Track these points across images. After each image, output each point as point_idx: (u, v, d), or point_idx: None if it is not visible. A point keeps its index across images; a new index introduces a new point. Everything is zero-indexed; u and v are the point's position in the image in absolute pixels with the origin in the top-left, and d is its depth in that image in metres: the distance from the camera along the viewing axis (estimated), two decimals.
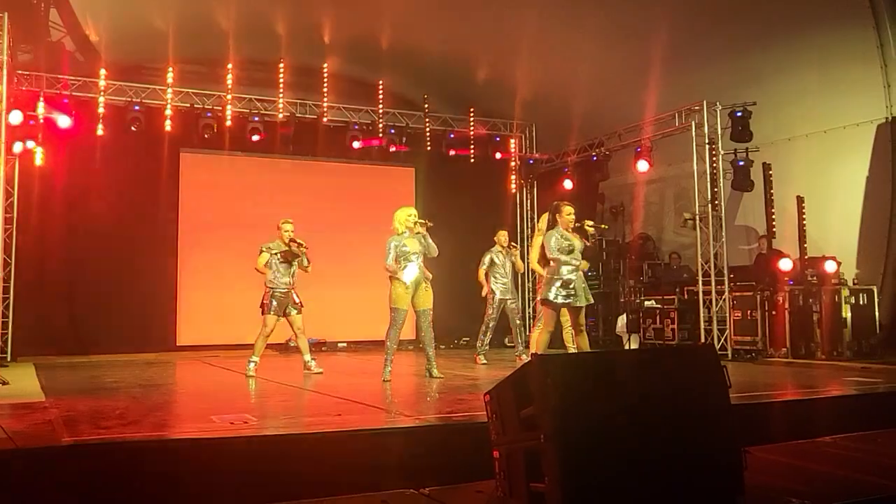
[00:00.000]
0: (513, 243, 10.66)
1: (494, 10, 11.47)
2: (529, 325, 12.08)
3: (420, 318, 7.99)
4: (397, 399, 6.74)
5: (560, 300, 7.51)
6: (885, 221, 10.54)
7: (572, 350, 8.90)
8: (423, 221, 7.96)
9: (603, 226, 7.85)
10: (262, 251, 8.76)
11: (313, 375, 8.54)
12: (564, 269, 7.53)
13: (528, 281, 14.04)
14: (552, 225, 7.72)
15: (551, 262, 7.62)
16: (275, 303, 8.64)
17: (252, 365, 8.49)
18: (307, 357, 8.86)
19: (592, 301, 7.89)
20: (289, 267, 8.74)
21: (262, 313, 8.70)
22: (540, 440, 3.24)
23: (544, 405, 3.26)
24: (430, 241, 7.94)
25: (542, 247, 7.81)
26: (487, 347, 10.34)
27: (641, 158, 11.89)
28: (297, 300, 8.80)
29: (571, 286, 7.50)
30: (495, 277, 10.37)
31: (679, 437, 3.39)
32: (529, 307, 13.75)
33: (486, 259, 10.40)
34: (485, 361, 10.01)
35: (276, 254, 8.70)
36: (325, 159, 13.45)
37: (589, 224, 7.73)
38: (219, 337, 12.39)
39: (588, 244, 7.74)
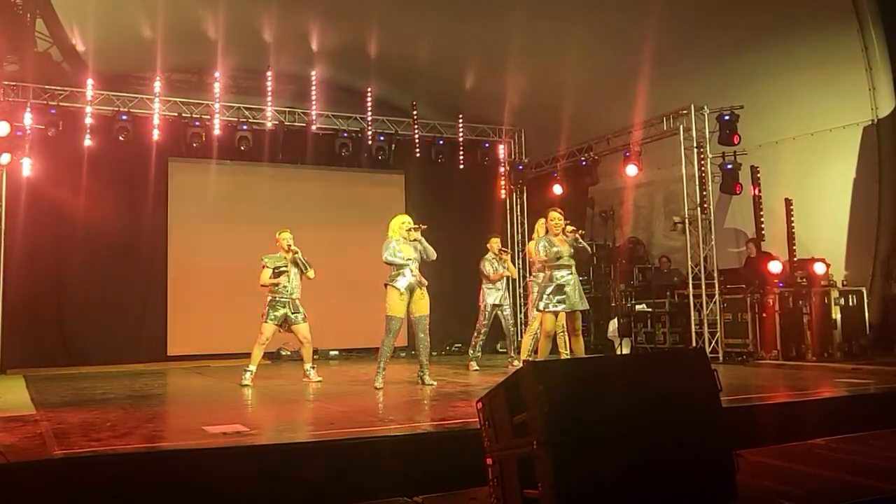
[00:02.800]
0: (504, 249, 10.65)
1: (482, 17, 11.49)
2: (521, 331, 12.09)
3: (417, 324, 7.98)
4: (389, 407, 6.73)
5: (552, 307, 7.58)
6: (873, 223, 10.61)
7: (565, 355, 8.92)
8: (416, 226, 7.97)
9: (581, 231, 7.96)
10: (263, 266, 8.70)
11: (306, 384, 8.50)
12: (557, 275, 7.62)
13: (520, 287, 14.05)
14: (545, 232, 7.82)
15: (545, 270, 7.71)
16: (273, 312, 8.58)
17: (248, 374, 8.43)
18: (307, 365, 8.81)
19: (587, 307, 7.94)
20: (289, 276, 8.68)
21: (262, 321, 8.64)
22: (533, 446, 3.24)
23: (537, 411, 3.26)
24: (426, 245, 7.98)
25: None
26: (479, 354, 10.34)
27: (630, 163, 11.93)
28: (301, 310, 8.74)
29: (564, 291, 7.57)
30: (487, 284, 10.37)
31: (671, 440, 3.40)
32: (521, 313, 13.77)
33: (486, 264, 10.40)
34: (477, 368, 10.00)
35: (276, 268, 8.64)
36: (314, 167, 13.44)
37: (570, 228, 7.80)
38: (210, 346, 12.34)
39: (576, 246, 7.77)
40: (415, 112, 13.44)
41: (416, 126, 13.46)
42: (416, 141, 13.49)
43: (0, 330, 10.82)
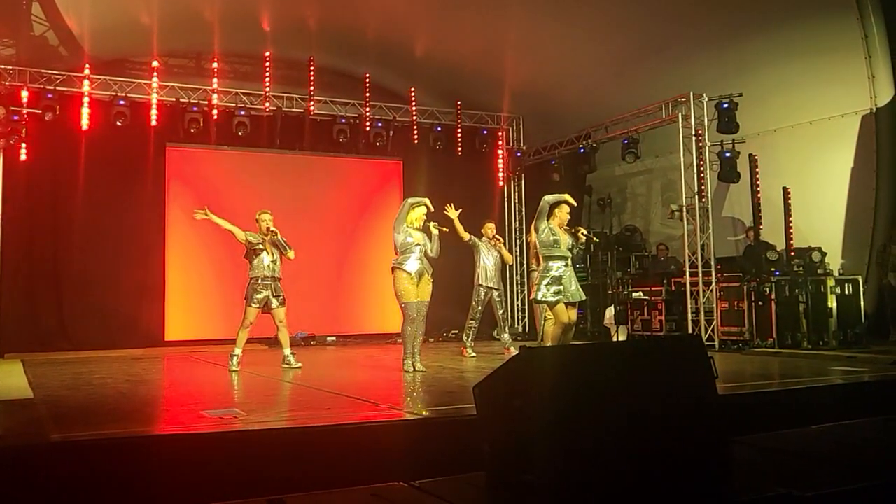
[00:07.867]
0: (497, 236, 10.56)
1: (481, 3, 11.45)
2: (529, 318, 12.08)
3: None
4: (386, 392, 6.75)
5: (550, 297, 7.56)
6: (870, 212, 10.63)
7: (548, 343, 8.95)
8: (441, 228, 8.03)
9: (595, 238, 7.98)
10: (242, 231, 8.71)
11: (299, 370, 8.49)
12: (553, 266, 7.60)
13: (517, 273, 14.07)
14: (548, 216, 7.72)
15: (542, 260, 7.71)
16: (255, 295, 8.57)
17: (234, 359, 8.41)
18: (287, 351, 8.80)
19: (584, 297, 7.94)
20: (272, 257, 8.66)
21: (246, 305, 8.63)
22: (529, 432, 3.26)
23: (533, 397, 3.27)
24: (437, 242, 8.02)
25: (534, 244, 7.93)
26: (473, 340, 10.28)
27: (628, 150, 11.92)
28: (280, 293, 8.72)
29: (560, 283, 7.57)
30: (481, 268, 10.30)
31: (667, 427, 3.41)
32: (517, 300, 13.82)
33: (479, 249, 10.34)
34: (473, 354, 9.99)
35: (250, 245, 8.64)
36: (311, 153, 13.41)
37: (583, 232, 7.81)
38: (207, 332, 12.33)
39: (578, 247, 7.79)
40: (413, 98, 13.41)
41: (414, 112, 13.44)
42: (414, 127, 13.47)
43: None
